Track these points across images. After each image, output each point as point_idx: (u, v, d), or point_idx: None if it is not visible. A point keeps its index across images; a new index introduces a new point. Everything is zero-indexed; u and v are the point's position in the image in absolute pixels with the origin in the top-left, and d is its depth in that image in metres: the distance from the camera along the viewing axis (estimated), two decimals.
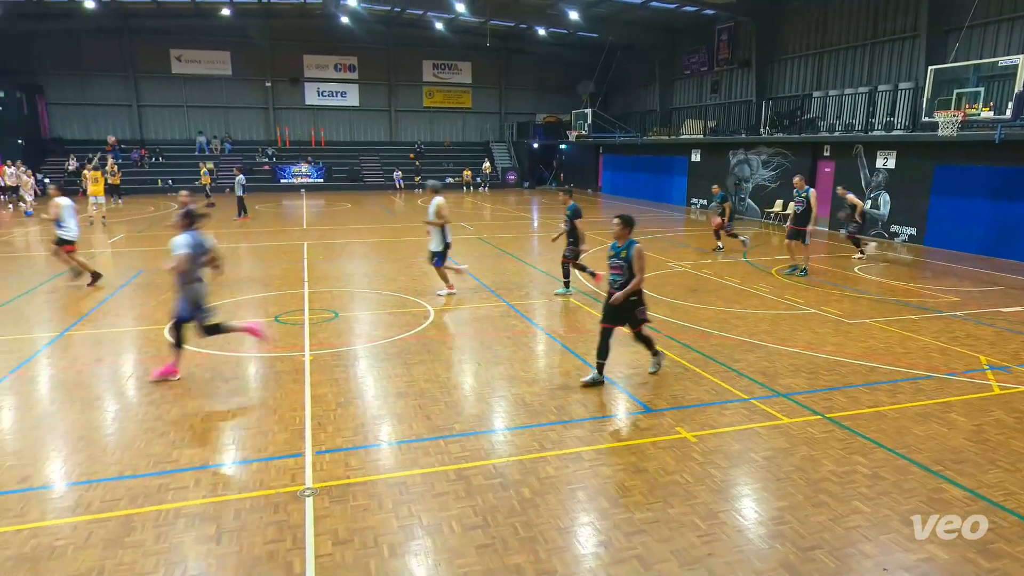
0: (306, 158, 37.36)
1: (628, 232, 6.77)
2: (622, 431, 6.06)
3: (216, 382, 7.11)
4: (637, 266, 6.61)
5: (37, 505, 4.73)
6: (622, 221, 6.79)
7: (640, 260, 6.61)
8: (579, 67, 38.07)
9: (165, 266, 7.12)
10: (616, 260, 6.77)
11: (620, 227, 6.78)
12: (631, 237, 6.77)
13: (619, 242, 6.78)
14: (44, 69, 33.87)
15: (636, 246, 6.67)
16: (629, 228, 6.78)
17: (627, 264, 6.64)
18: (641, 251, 6.65)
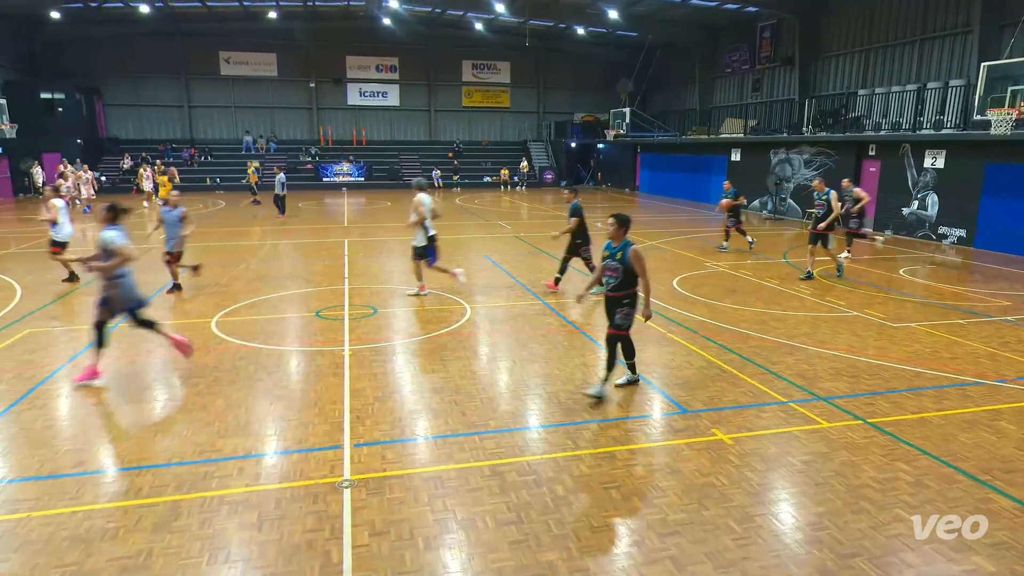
0: (348, 157, 38.02)
1: (623, 232, 6.48)
2: (657, 431, 6.04)
3: (259, 374, 7.32)
4: (639, 268, 6.34)
5: (91, 488, 4.96)
6: (617, 221, 6.49)
7: (640, 262, 6.35)
8: (617, 66, 37.82)
9: (93, 263, 6.80)
10: (611, 262, 6.47)
11: (615, 227, 6.48)
12: (627, 238, 6.47)
13: (614, 242, 6.50)
14: (101, 72, 35.27)
15: (633, 248, 6.37)
16: (624, 228, 6.48)
17: (622, 266, 6.35)
18: (639, 252, 6.37)
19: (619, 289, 6.44)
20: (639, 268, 6.34)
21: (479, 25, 36.05)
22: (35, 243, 17.24)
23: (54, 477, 5.08)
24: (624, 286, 6.42)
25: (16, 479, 5.07)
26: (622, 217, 6.52)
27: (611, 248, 6.50)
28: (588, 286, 7.12)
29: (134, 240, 7.82)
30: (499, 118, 42.31)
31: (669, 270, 13.41)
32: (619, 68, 37.48)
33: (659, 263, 14.27)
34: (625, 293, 6.44)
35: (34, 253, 15.64)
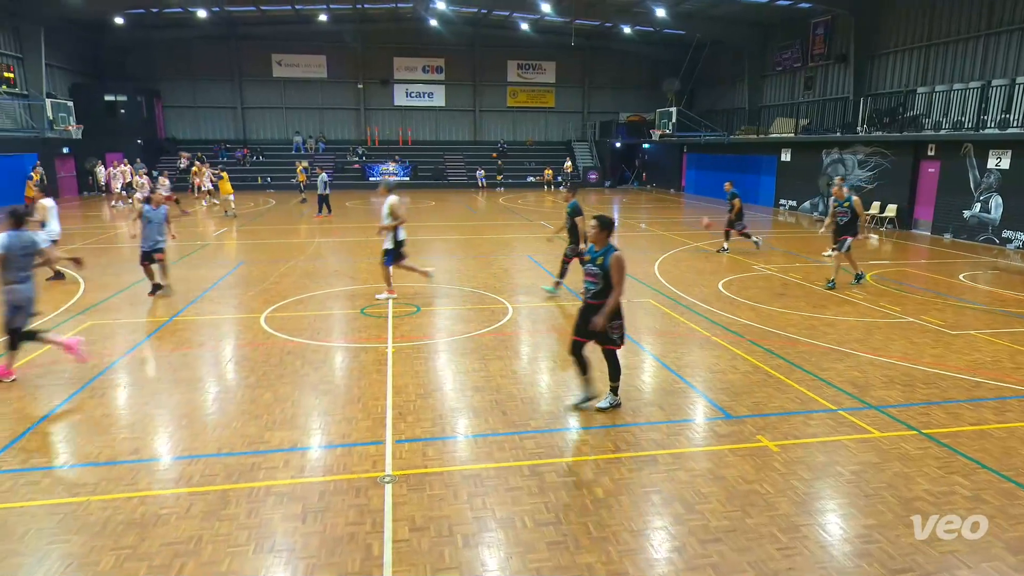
0: (393, 157, 38.58)
1: (606, 236, 6.04)
2: (699, 436, 5.94)
3: (306, 369, 7.49)
4: (615, 277, 5.88)
5: (146, 475, 5.16)
6: (599, 223, 6.03)
7: (619, 270, 5.89)
8: (664, 65, 37.35)
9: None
10: (592, 267, 6.08)
11: (596, 230, 6.03)
12: (610, 242, 6.04)
13: (596, 247, 6.09)
14: (160, 74, 36.65)
15: (614, 254, 5.92)
16: (607, 231, 6.04)
17: (603, 272, 5.94)
18: (620, 260, 5.93)
19: (600, 297, 6.00)
20: (616, 277, 5.90)
21: (525, 25, 36.09)
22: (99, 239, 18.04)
23: (112, 463, 5.30)
24: (605, 293, 5.98)
25: (77, 464, 5.31)
26: (604, 220, 6.07)
27: (593, 252, 6.12)
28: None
29: None
30: (543, 118, 42.28)
31: (715, 272, 13.17)
32: (665, 67, 37.01)
33: (704, 265, 14.04)
34: (606, 301, 5.98)
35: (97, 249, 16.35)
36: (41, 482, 5.01)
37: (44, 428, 5.96)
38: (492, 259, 14.75)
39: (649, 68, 39.49)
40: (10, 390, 6.79)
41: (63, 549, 4.18)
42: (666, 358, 7.96)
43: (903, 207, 20.63)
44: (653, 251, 15.79)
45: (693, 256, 15.27)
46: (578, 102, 42.17)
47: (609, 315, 5.92)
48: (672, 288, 11.69)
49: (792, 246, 16.98)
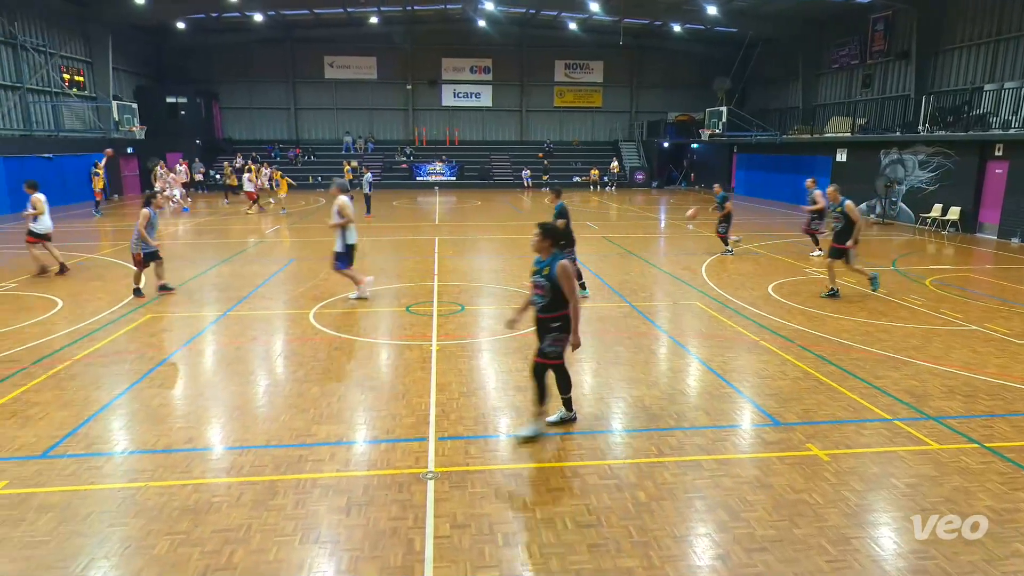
0: (440, 157, 38.98)
1: (550, 245, 5.58)
2: (746, 442, 5.80)
3: (352, 365, 7.64)
4: (565, 287, 5.46)
5: (199, 464, 5.34)
6: (541, 231, 5.60)
7: (567, 281, 5.45)
8: (714, 63, 36.65)
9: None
10: (537, 278, 5.61)
11: (539, 239, 5.60)
12: (556, 251, 5.60)
13: (541, 256, 5.61)
14: (218, 77, 37.93)
15: (560, 263, 5.46)
16: (551, 240, 5.60)
17: (550, 283, 5.49)
18: (567, 268, 5.46)
19: (548, 310, 5.59)
20: (566, 287, 5.47)
21: (572, 25, 35.97)
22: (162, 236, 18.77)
23: (168, 451, 5.51)
24: (553, 306, 5.56)
25: (136, 451, 5.54)
26: (547, 227, 5.65)
27: (538, 263, 5.64)
28: (519, 308, 6.06)
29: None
30: (590, 118, 42.04)
31: (764, 275, 12.86)
32: (716, 65, 36.30)
33: (753, 267, 13.72)
34: (555, 315, 5.57)
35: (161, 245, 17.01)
36: (103, 467, 5.25)
37: (106, 416, 6.24)
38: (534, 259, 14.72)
39: (699, 67, 38.82)
40: (76, 378, 7.14)
41: (122, 532, 4.37)
42: (712, 362, 7.81)
43: (967, 210, 19.72)
44: (700, 253, 15.52)
45: (741, 258, 14.94)
46: (626, 102, 41.78)
47: (577, 328, 5.56)
48: (719, 291, 11.47)
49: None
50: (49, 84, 26.89)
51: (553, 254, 5.58)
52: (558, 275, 5.46)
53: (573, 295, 5.51)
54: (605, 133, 42.26)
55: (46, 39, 26.53)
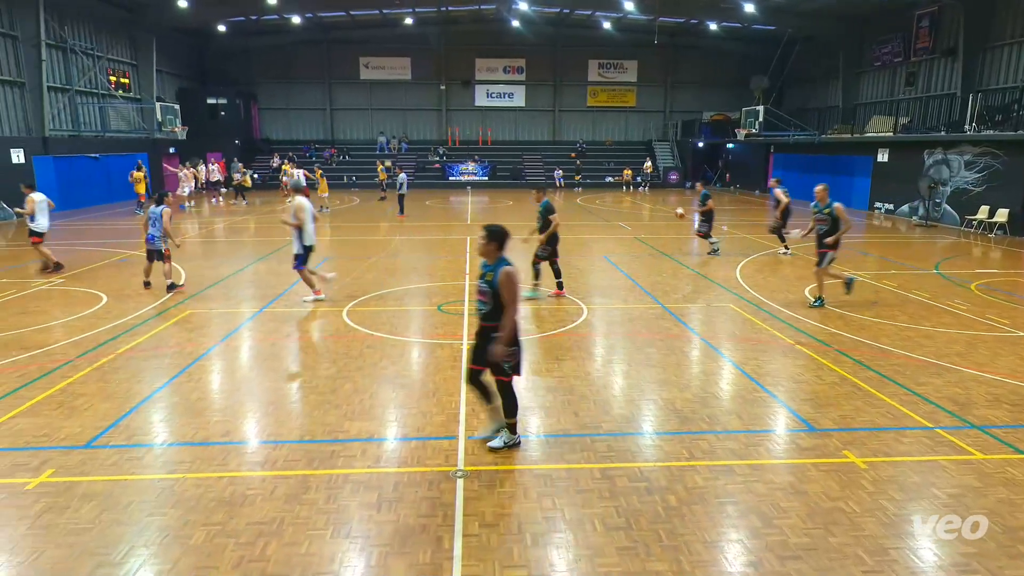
0: (473, 157, 39.15)
1: (496, 249, 5.21)
2: (780, 448, 5.70)
3: (384, 363, 7.72)
4: (507, 295, 5.08)
5: (235, 457, 5.46)
6: (486, 234, 5.22)
7: (510, 288, 5.07)
8: (752, 61, 36.08)
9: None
10: (481, 283, 5.27)
11: (484, 242, 5.23)
12: (503, 255, 5.21)
13: (487, 261, 5.27)
14: (257, 78, 38.72)
15: (504, 269, 5.08)
16: (497, 244, 5.21)
17: (492, 290, 5.13)
18: (511, 275, 5.07)
19: (490, 318, 5.21)
20: (506, 295, 5.08)
21: (607, 24, 35.77)
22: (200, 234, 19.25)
23: (205, 444, 5.65)
24: (495, 315, 5.17)
25: (174, 443, 5.69)
26: (492, 230, 5.25)
27: (484, 267, 5.29)
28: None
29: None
30: (624, 118, 41.75)
31: (801, 278, 12.60)
32: (753, 64, 35.73)
33: (790, 270, 13.46)
34: (499, 324, 5.19)
35: (199, 242, 17.46)
36: (143, 458, 5.40)
37: (146, 408, 6.42)
38: (568, 259, 14.67)
39: (735, 65, 38.24)
40: (118, 372, 7.36)
41: (160, 522, 4.49)
42: (746, 365, 7.69)
43: (1016, 211, 19.03)
44: (735, 254, 15.29)
45: (777, 260, 14.67)
46: (660, 101, 41.39)
47: (507, 340, 5.15)
48: (754, 293, 11.28)
49: (887, 252, 16.03)
50: (97, 86, 27.78)
51: (499, 259, 5.21)
52: (500, 282, 5.08)
53: (513, 304, 5.12)
54: (639, 133, 41.93)
55: (94, 43, 27.42)
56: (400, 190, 23.29)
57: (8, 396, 6.60)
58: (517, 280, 5.15)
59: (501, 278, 5.08)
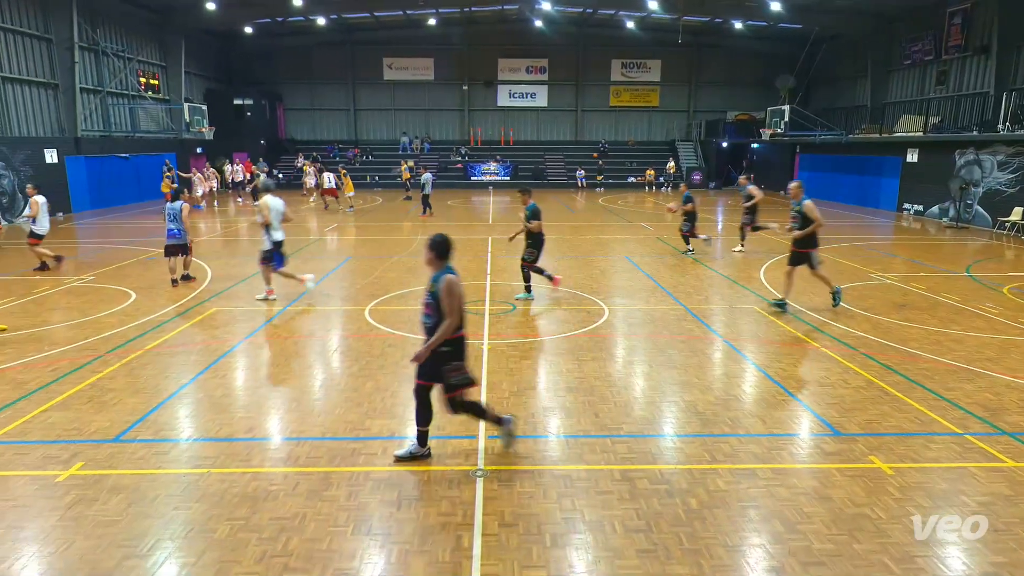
0: (495, 157, 39.20)
1: (439, 260, 5.03)
2: (804, 452, 5.62)
3: (404, 362, 7.75)
4: (446, 306, 4.87)
5: (259, 453, 5.54)
6: (428, 245, 5.06)
7: (450, 298, 4.87)
8: (777, 60, 35.63)
9: None
10: (427, 296, 5.06)
11: (427, 253, 5.07)
12: (447, 264, 5.03)
13: (432, 271, 5.10)
14: (281, 79, 39.19)
15: (446, 278, 4.90)
16: (438, 254, 5.03)
17: (435, 302, 4.96)
18: (453, 285, 4.88)
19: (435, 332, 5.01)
20: (447, 304, 4.88)
21: (630, 24, 35.58)
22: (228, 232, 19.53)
23: (229, 440, 5.73)
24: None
25: (199, 438, 5.78)
26: (434, 240, 5.06)
27: (431, 279, 5.09)
28: None
29: None
30: (647, 117, 41.50)
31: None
32: (779, 63, 35.27)
33: None
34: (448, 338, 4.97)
35: (226, 241, 17.71)
36: (170, 452, 5.50)
37: (173, 404, 6.53)
38: (589, 260, 14.65)
39: (761, 65, 37.80)
40: (146, 368, 7.50)
41: (185, 515, 4.57)
42: (770, 368, 7.60)
43: None
44: (760, 255, 15.11)
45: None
46: (683, 101, 41.06)
47: (433, 346, 4.94)
48: (779, 295, 11.12)
49: (916, 254, 15.72)
50: (127, 88, 28.34)
51: (443, 269, 5.01)
52: (442, 292, 4.88)
53: (453, 315, 4.88)
54: (662, 133, 41.64)
55: (125, 45, 27.97)
56: (425, 190, 23.35)
57: (40, 390, 6.77)
58: (458, 289, 4.92)
59: (443, 287, 4.90)
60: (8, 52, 21.64)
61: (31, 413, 6.21)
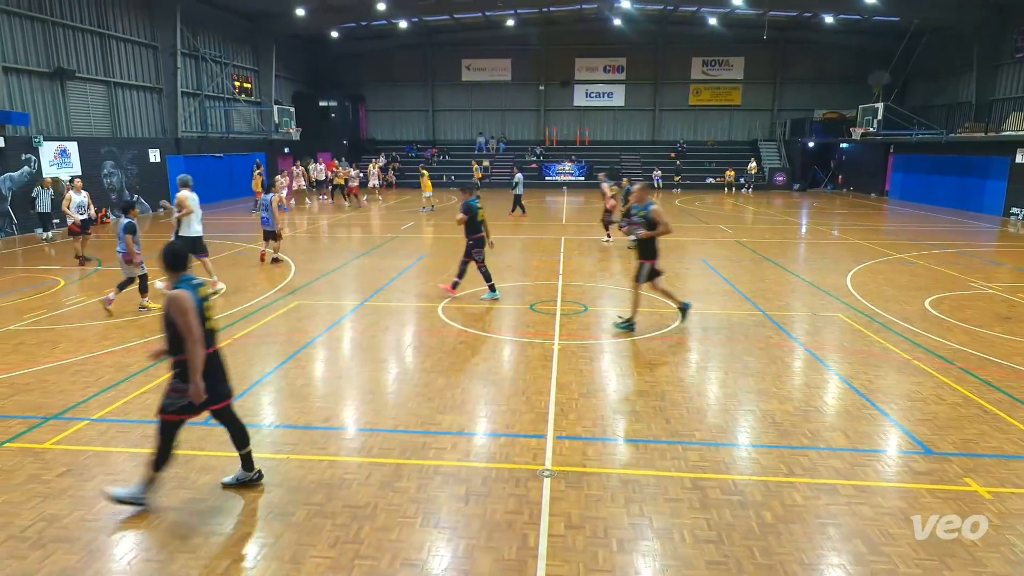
0: (570, 157, 39.08)
1: (171, 272, 4.57)
2: (891, 470, 5.30)
3: (475, 359, 7.86)
4: (179, 323, 4.36)
5: (335, 442, 5.74)
6: (160, 258, 4.59)
7: (179, 315, 4.34)
8: (871, 56, 33.79)
9: None
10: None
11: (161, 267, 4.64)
12: (182, 278, 4.55)
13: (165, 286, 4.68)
14: (364, 81, 40.50)
15: (170, 295, 4.43)
16: (170, 266, 4.56)
17: (166, 320, 4.47)
18: (177, 302, 4.36)
19: (171, 352, 4.53)
20: (179, 323, 4.35)
21: (712, 20, 34.62)
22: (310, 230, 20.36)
23: (307, 428, 5.97)
24: (174, 347, 4.48)
25: (280, 425, 6.06)
26: (164, 251, 4.61)
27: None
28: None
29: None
30: (727, 116, 40.28)
31: (921, 288, 11.68)
32: (872, 58, 33.46)
33: (909, 280, 12.50)
34: (176, 358, 4.51)
35: (308, 238, 18.46)
36: (253, 437, 5.74)
37: (257, 391, 6.87)
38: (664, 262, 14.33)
39: (852, 60, 35.95)
40: (234, 356, 7.89)
41: (266, 498, 4.80)
42: (855, 380, 7.22)
43: None
44: (846, 261, 14.39)
45: (894, 268, 13.66)
46: (767, 99, 39.60)
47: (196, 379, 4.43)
48: (866, 303, 10.56)
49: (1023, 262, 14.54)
50: (223, 91, 30.01)
51: (180, 279, 4.53)
52: (168, 309, 4.41)
53: (189, 334, 4.35)
54: (743, 132, 40.31)
55: (222, 51, 29.65)
56: (516, 190, 23.10)
57: (140, 373, 7.27)
58: (182, 305, 4.36)
59: (168, 304, 4.41)
60: (121, 60, 23.34)
61: (132, 394, 6.68)
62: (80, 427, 5.94)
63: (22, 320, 9.48)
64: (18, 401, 6.54)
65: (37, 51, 19.55)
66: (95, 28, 21.91)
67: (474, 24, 37.29)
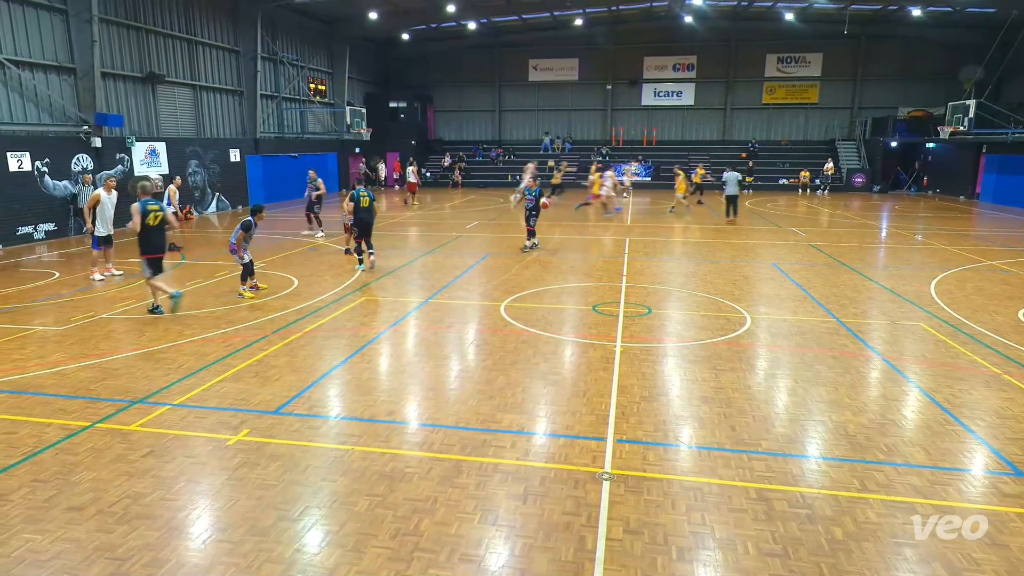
0: (636, 157, 38.54)
1: None
2: (975, 490, 4.98)
3: (536, 359, 7.87)
4: None
5: (397, 435, 5.87)
6: None
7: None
8: (962, 50, 31.79)
9: None
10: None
11: None
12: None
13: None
14: (432, 82, 41.18)
15: None
16: None
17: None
18: None
19: None
20: None
21: (789, 15, 33.38)
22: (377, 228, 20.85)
23: (371, 421, 6.13)
24: None
25: (345, 417, 6.24)
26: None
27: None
28: None
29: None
30: (803, 115, 38.74)
31: (1016, 297, 10.92)
32: (964, 53, 31.47)
33: (1002, 288, 11.71)
34: None
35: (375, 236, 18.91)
36: (320, 428, 5.98)
37: (325, 383, 7.10)
38: (732, 265, 13.97)
39: (941, 55, 33.94)
40: (304, 348, 8.21)
41: (331, 487, 4.95)
42: (937, 393, 6.82)
43: None
44: (930, 267, 13.61)
45: (984, 276, 12.82)
46: (846, 97, 37.85)
47: None
48: (952, 312, 9.96)
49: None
50: (298, 93, 31.17)
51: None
52: None
53: None
54: (820, 131, 38.69)
55: (298, 54, 30.79)
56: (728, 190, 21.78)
57: (217, 363, 7.64)
58: None
59: None
60: (206, 64, 24.60)
61: (209, 382, 7.03)
62: (162, 411, 6.30)
63: (113, 309, 10.13)
64: (108, 385, 6.99)
65: (131, 57, 20.85)
66: (184, 35, 23.16)
67: (542, 24, 37.28)
